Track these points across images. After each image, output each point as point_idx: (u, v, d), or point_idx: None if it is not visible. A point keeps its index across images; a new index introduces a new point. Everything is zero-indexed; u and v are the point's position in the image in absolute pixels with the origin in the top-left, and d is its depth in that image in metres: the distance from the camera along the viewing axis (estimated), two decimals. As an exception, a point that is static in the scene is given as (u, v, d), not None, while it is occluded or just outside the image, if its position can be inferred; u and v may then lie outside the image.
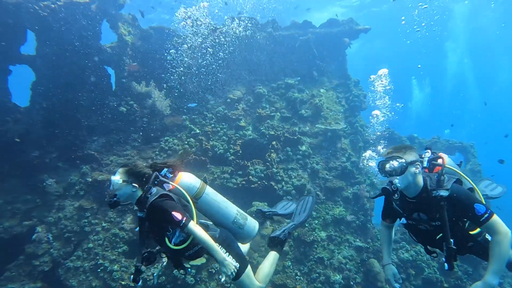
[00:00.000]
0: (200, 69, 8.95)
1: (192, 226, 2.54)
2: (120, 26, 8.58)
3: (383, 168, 2.59)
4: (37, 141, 7.46)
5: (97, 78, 8.24)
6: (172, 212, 2.49)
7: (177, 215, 2.48)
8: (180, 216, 2.49)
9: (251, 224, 3.15)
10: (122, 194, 2.63)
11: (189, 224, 2.53)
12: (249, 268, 2.96)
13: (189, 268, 2.78)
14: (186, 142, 8.28)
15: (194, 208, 2.72)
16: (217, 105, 9.15)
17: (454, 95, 39.86)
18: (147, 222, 2.63)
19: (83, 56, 7.99)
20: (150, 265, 2.73)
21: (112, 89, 8.55)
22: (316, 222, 7.53)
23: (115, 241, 6.62)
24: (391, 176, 2.55)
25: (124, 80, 8.43)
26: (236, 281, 2.84)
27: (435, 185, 2.55)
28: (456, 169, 2.84)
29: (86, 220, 6.84)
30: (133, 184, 2.65)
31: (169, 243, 2.60)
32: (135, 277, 2.63)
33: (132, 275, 2.66)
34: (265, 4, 12.79)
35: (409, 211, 2.73)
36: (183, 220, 2.49)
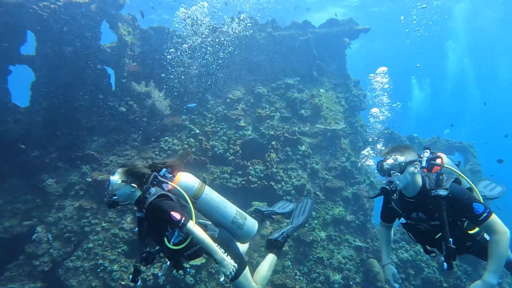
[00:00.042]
0: (200, 68, 8.95)
1: (191, 226, 2.54)
2: (120, 26, 8.59)
3: (382, 168, 2.59)
4: (37, 141, 7.47)
5: (97, 78, 8.25)
6: (171, 212, 2.49)
7: (176, 215, 2.48)
8: (179, 216, 2.49)
9: (251, 224, 3.15)
10: (121, 194, 2.63)
11: (188, 224, 2.52)
12: (247, 270, 2.95)
13: (188, 268, 2.79)
14: (186, 142, 8.29)
15: (193, 208, 2.72)
16: (217, 105, 9.15)
17: (454, 95, 39.88)
18: (146, 222, 2.63)
19: (83, 56, 8.00)
20: (150, 265, 2.74)
21: (112, 89, 8.56)
22: (316, 222, 7.53)
23: (115, 241, 6.63)
24: (390, 176, 2.56)
25: (124, 80, 8.44)
26: (234, 282, 2.84)
27: (434, 185, 2.56)
28: (455, 169, 2.84)
29: (86, 220, 6.85)
30: (132, 184, 2.65)
31: (168, 243, 2.60)
32: (134, 277, 2.64)
33: (131, 275, 2.66)
34: (265, 4, 12.77)
35: (408, 211, 2.73)
36: (182, 220, 2.49)
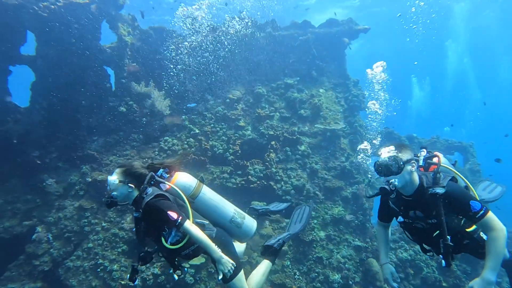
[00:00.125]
0: (200, 67, 8.95)
1: (188, 225, 2.55)
2: (120, 27, 8.60)
3: (380, 168, 2.60)
4: (37, 141, 7.49)
5: (97, 79, 8.27)
6: (168, 212, 2.50)
7: (173, 215, 2.50)
8: (176, 216, 2.50)
9: (249, 223, 3.16)
10: (119, 195, 2.65)
11: (185, 223, 2.54)
12: (242, 273, 2.94)
13: (186, 268, 2.80)
14: (186, 142, 8.31)
15: (190, 208, 2.73)
16: (217, 105, 9.16)
17: (454, 94, 39.86)
18: (143, 222, 2.64)
19: (83, 57, 8.02)
20: (148, 265, 2.76)
21: (112, 89, 8.58)
22: (315, 222, 7.54)
23: (115, 241, 6.64)
24: (388, 176, 2.57)
25: (124, 80, 8.45)
26: (228, 284, 2.84)
27: (431, 183, 2.58)
28: (451, 168, 2.87)
29: (86, 220, 6.87)
30: (130, 185, 2.67)
31: (165, 243, 2.61)
32: (132, 277, 2.66)
33: (129, 275, 2.69)
34: (265, 2, 12.75)
35: (406, 209, 2.76)
36: (179, 220, 2.50)
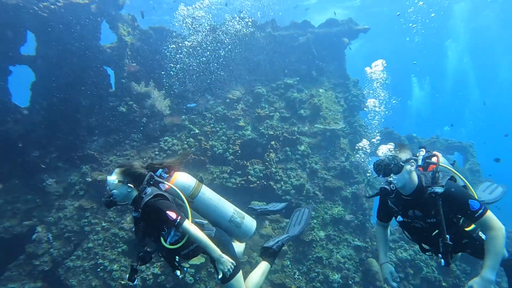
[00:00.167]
0: (200, 65, 8.94)
1: (187, 225, 2.55)
2: (120, 27, 8.61)
3: (380, 168, 2.61)
4: (37, 141, 7.50)
5: (97, 79, 8.28)
6: (167, 212, 2.50)
7: (172, 214, 2.50)
8: (175, 215, 2.50)
9: (248, 223, 3.15)
10: (118, 194, 2.65)
11: (184, 223, 2.54)
12: (241, 273, 2.93)
13: (186, 268, 2.80)
14: (186, 142, 8.31)
15: (189, 208, 2.73)
16: (216, 105, 9.17)
17: (454, 94, 39.88)
18: (142, 222, 2.65)
19: (83, 57, 8.02)
20: (148, 265, 2.76)
21: (112, 89, 8.59)
22: (315, 222, 7.55)
23: (115, 241, 6.65)
24: (388, 176, 2.58)
25: (124, 80, 8.46)
26: (226, 284, 2.83)
27: (430, 182, 2.59)
28: (450, 168, 2.88)
29: (86, 220, 6.89)
30: (129, 185, 2.67)
31: (165, 243, 2.61)
32: (131, 276, 2.66)
33: (128, 275, 2.69)
34: (265, 2, 12.74)
35: (405, 209, 2.77)
36: (178, 219, 2.50)
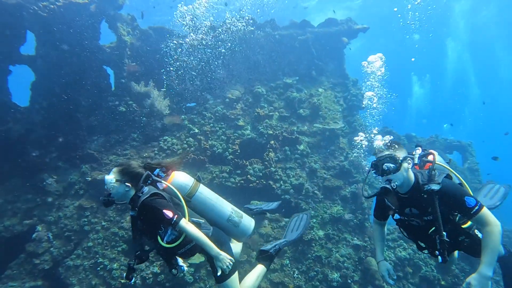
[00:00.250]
0: (200, 64, 8.95)
1: (184, 224, 2.57)
2: (119, 27, 8.63)
3: (379, 167, 2.62)
4: (37, 141, 7.52)
5: (97, 78, 8.30)
6: (163, 210, 2.51)
7: (168, 213, 2.51)
8: (171, 214, 2.52)
9: (247, 222, 3.16)
10: (116, 193, 2.67)
11: (181, 222, 2.55)
12: (237, 274, 2.93)
13: (183, 266, 2.81)
14: (185, 142, 8.33)
15: (186, 207, 2.74)
16: (216, 105, 9.18)
17: (454, 92, 39.88)
18: (139, 221, 2.66)
19: (83, 56, 8.04)
20: (148, 264, 2.77)
21: (112, 89, 8.62)
22: (314, 221, 7.57)
23: (115, 240, 6.68)
24: (387, 175, 2.60)
25: (123, 80, 8.48)
26: (222, 284, 2.83)
27: (427, 180, 2.61)
28: (446, 166, 2.90)
29: (86, 219, 6.92)
30: (126, 184, 2.69)
31: (161, 241, 2.63)
32: (128, 275, 2.68)
33: (125, 273, 2.70)
34: (265, 1, 12.75)
35: (401, 207, 2.78)
36: (174, 218, 2.52)
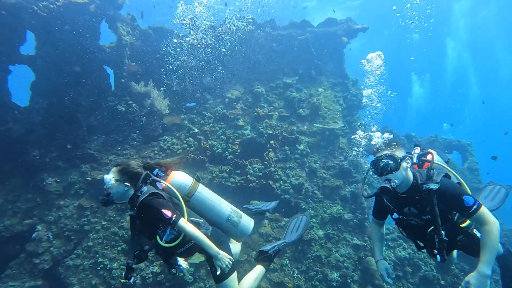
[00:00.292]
0: (200, 62, 8.96)
1: (183, 223, 2.57)
2: (119, 26, 8.64)
3: (379, 167, 2.63)
4: (37, 141, 7.53)
5: (97, 78, 8.31)
6: (162, 210, 2.52)
7: (167, 213, 2.51)
8: (170, 214, 2.52)
9: (246, 222, 3.15)
10: (115, 193, 2.67)
11: (179, 221, 2.55)
12: (235, 274, 2.93)
13: (181, 266, 2.81)
14: (185, 142, 8.34)
15: (185, 206, 2.74)
16: (216, 105, 9.19)
17: (454, 92, 39.88)
18: (138, 221, 2.67)
19: (83, 56, 8.05)
20: (148, 264, 2.77)
21: (112, 89, 8.63)
22: (314, 221, 7.57)
23: (115, 240, 6.69)
24: (386, 174, 2.60)
25: (123, 80, 8.49)
26: (220, 284, 2.82)
27: (425, 179, 2.62)
28: (444, 165, 2.91)
29: (86, 219, 6.93)
30: (125, 183, 2.69)
31: (160, 241, 2.63)
32: (127, 275, 2.68)
33: (124, 273, 2.70)
34: (264, 1, 12.75)
35: (400, 206, 2.79)
36: (173, 217, 2.52)
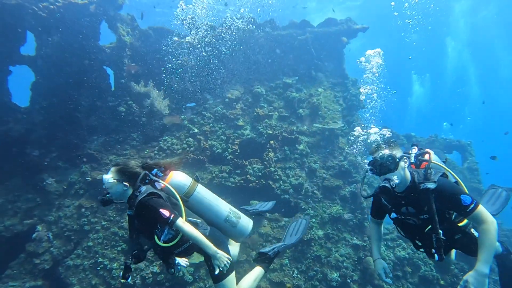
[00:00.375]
0: (201, 61, 8.97)
1: (180, 223, 2.57)
2: (119, 27, 8.65)
3: (378, 166, 2.63)
4: (38, 141, 7.56)
5: (97, 78, 8.33)
6: (160, 210, 2.52)
7: (165, 212, 2.52)
8: (168, 213, 2.52)
9: (245, 223, 3.15)
10: (114, 193, 2.69)
11: (177, 221, 2.56)
12: (234, 275, 2.93)
13: (179, 266, 2.82)
14: (185, 142, 8.35)
15: (183, 206, 2.74)
16: (216, 105, 9.20)
17: (454, 91, 39.88)
18: (136, 220, 2.67)
19: (83, 56, 8.07)
20: (148, 263, 2.78)
21: (111, 89, 8.64)
22: (314, 221, 7.58)
23: (115, 240, 6.71)
24: (384, 174, 2.61)
25: (123, 80, 8.51)
26: (219, 284, 2.83)
27: (423, 179, 2.63)
28: (442, 165, 2.91)
29: (86, 219, 6.94)
30: (124, 183, 2.70)
31: (158, 241, 2.64)
32: (124, 274, 2.69)
33: (122, 272, 2.72)
34: (264, 1, 12.76)
35: (398, 206, 2.79)
36: (171, 217, 2.52)
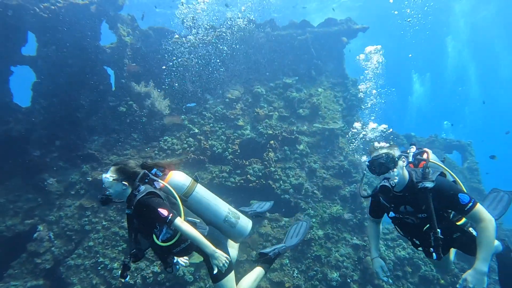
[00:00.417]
0: (201, 61, 8.99)
1: (179, 222, 2.58)
2: (120, 27, 8.68)
3: (377, 165, 2.64)
4: (38, 141, 7.59)
5: (97, 79, 8.35)
6: (158, 209, 2.53)
7: (163, 212, 2.53)
8: (166, 213, 2.53)
9: (244, 223, 3.15)
10: (113, 192, 2.70)
11: (176, 220, 2.56)
12: (233, 274, 2.94)
13: (178, 265, 2.83)
14: (185, 142, 8.37)
15: (182, 206, 2.75)
16: (216, 105, 9.22)
17: (454, 91, 39.86)
18: (135, 219, 2.69)
19: (83, 57, 8.09)
20: (148, 263, 2.79)
21: (112, 89, 8.67)
22: (314, 221, 7.60)
23: (115, 239, 6.73)
24: (383, 173, 2.63)
25: (124, 81, 8.53)
26: (218, 283, 2.84)
27: (421, 178, 2.64)
28: (440, 164, 2.92)
29: (87, 219, 6.97)
30: (123, 182, 2.71)
31: (157, 240, 2.65)
32: (123, 273, 2.69)
33: (120, 271, 2.72)
34: (265, 1, 12.78)
35: (396, 205, 2.81)
36: (169, 217, 2.53)
